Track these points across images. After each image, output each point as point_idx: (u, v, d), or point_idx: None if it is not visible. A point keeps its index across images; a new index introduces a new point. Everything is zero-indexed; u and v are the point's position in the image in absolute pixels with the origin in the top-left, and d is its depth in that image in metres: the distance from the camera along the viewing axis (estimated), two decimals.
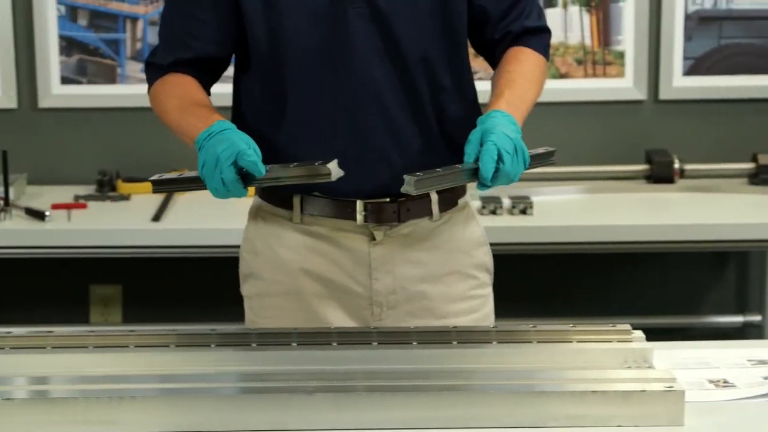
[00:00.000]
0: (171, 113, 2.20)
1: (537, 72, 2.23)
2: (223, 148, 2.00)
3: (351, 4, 2.14)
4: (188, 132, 2.13)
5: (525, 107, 2.16)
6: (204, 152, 2.03)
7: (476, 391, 1.87)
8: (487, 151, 2.00)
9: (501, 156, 2.01)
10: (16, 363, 1.98)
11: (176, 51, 2.24)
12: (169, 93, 2.23)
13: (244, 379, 1.93)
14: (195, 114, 2.15)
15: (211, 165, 2.01)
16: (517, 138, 2.04)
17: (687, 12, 3.97)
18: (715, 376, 2.06)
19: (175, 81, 2.24)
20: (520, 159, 2.04)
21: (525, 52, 2.24)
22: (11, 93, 3.93)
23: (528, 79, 2.19)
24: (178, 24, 2.24)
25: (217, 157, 2.00)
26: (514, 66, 2.20)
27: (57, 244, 3.50)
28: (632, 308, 4.07)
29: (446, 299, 2.27)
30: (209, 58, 2.24)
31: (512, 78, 2.18)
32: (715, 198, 3.77)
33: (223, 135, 2.03)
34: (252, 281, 2.30)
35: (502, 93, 2.14)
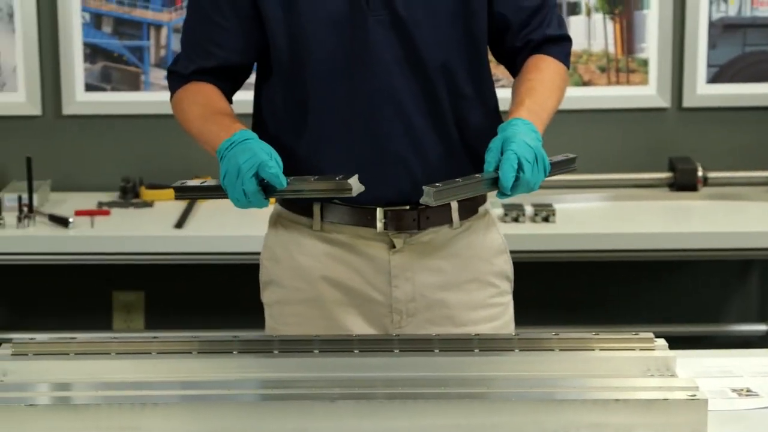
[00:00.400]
0: (193, 122, 2.21)
1: (558, 80, 2.23)
2: (245, 158, 2.01)
3: (371, 12, 2.14)
4: (210, 141, 2.13)
5: (546, 115, 2.16)
6: (226, 162, 2.04)
7: (498, 399, 1.87)
8: (507, 160, 2.00)
9: (521, 165, 2.00)
10: (38, 369, 1.99)
11: (198, 59, 2.24)
12: (191, 101, 2.23)
13: (266, 386, 1.93)
14: (217, 123, 2.15)
15: (233, 175, 2.02)
16: (537, 146, 2.04)
17: (711, 19, 3.96)
18: (739, 385, 2.05)
19: (197, 89, 2.24)
20: (541, 168, 2.04)
21: (546, 60, 2.23)
22: (36, 100, 3.95)
23: (549, 87, 2.19)
24: (200, 32, 2.24)
25: (239, 168, 2.01)
26: (535, 74, 2.20)
27: (80, 250, 3.51)
28: (655, 316, 4.06)
29: (466, 307, 2.27)
30: (231, 66, 2.25)
31: (533, 86, 2.17)
32: (738, 206, 3.76)
33: (245, 145, 2.04)
34: (272, 288, 2.30)
35: (523, 101, 2.13)
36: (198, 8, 2.24)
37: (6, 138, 3.98)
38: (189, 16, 2.27)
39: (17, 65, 3.94)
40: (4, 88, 3.95)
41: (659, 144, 4.00)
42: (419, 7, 2.15)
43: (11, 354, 2.02)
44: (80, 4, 3.91)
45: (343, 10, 2.14)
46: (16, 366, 1.99)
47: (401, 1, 2.14)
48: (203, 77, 2.25)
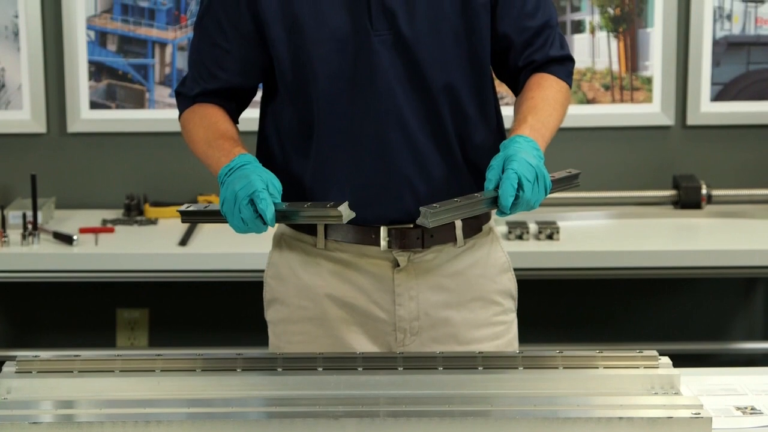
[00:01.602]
0: (198, 144, 2.23)
1: (560, 98, 2.23)
2: (241, 186, 2.03)
3: (375, 32, 2.15)
4: (213, 166, 2.17)
5: (548, 132, 2.16)
6: (224, 189, 2.07)
7: (501, 417, 1.87)
8: (507, 179, 2.01)
9: (521, 184, 2.01)
10: (42, 387, 1.99)
11: (202, 81, 2.26)
12: (197, 123, 2.25)
13: (271, 404, 1.93)
14: (219, 147, 2.17)
15: (231, 203, 2.04)
16: (538, 165, 2.04)
17: (715, 37, 3.97)
18: (743, 403, 2.05)
19: (203, 112, 2.26)
20: (541, 186, 2.04)
21: (548, 79, 2.24)
22: (40, 117, 3.96)
23: (551, 105, 2.19)
24: (205, 54, 2.26)
25: (235, 195, 2.03)
26: (537, 92, 2.21)
27: (84, 268, 3.51)
28: (659, 334, 4.05)
29: (470, 325, 2.27)
30: (234, 88, 2.26)
31: (535, 104, 2.18)
32: (743, 224, 3.75)
33: (242, 171, 2.06)
34: (276, 307, 2.30)
35: (526, 118, 2.14)
36: (203, 30, 2.26)
37: (11, 155, 3.98)
38: (195, 38, 2.29)
39: (22, 83, 3.95)
40: (9, 105, 3.96)
41: (663, 162, 4.00)
42: (423, 27, 2.15)
43: (15, 371, 2.02)
44: (85, 23, 3.92)
45: (347, 30, 2.15)
46: (20, 383, 1.99)
47: (405, 21, 2.14)
48: (208, 99, 2.27)
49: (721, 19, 3.96)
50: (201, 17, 2.26)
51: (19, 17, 3.92)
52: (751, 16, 3.97)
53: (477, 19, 2.18)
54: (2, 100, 3.96)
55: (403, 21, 2.14)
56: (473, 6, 2.17)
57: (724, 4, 3.95)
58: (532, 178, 2.02)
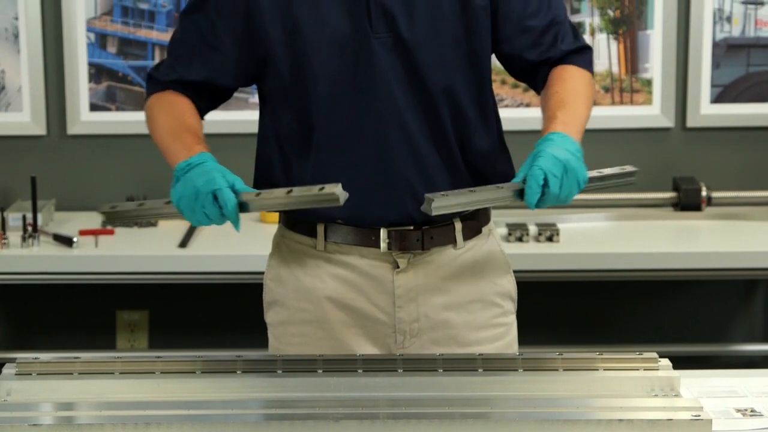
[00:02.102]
0: (160, 131, 2.23)
1: (583, 88, 2.22)
2: (203, 181, 2.04)
3: (374, 34, 2.15)
4: (171, 158, 2.17)
5: (580, 124, 2.15)
6: (182, 184, 2.07)
7: (501, 419, 1.87)
8: (532, 176, 2.02)
9: (547, 180, 2.01)
10: (42, 389, 1.99)
11: (182, 70, 2.24)
12: (164, 110, 2.24)
13: (270, 406, 1.93)
14: (181, 141, 2.17)
15: (191, 198, 2.04)
16: (569, 159, 2.04)
17: (715, 39, 3.97)
18: (743, 405, 2.05)
19: (172, 100, 2.25)
20: (572, 181, 2.04)
21: (569, 70, 2.23)
22: (40, 119, 3.96)
23: (577, 96, 2.18)
24: (190, 47, 2.24)
25: (197, 191, 2.04)
26: (560, 85, 2.19)
27: (84, 270, 3.51)
28: (659, 336, 4.05)
29: (470, 327, 2.26)
30: (214, 85, 2.25)
31: (561, 98, 2.17)
32: (743, 225, 3.75)
33: (202, 168, 2.07)
34: (276, 309, 2.30)
35: (555, 115, 2.13)
36: (191, 24, 2.24)
37: (11, 157, 3.98)
38: (180, 29, 2.27)
39: (22, 85, 3.95)
40: (9, 108, 3.96)
41: (663, 164, 4.00)
42: (422, 29, 2.15)
43: (15, 373, 2.02)
44: (85, 25, 3.92)
45: (346, 33, 2.14)
46: (20, 385, 1.99)
47: (405, 24, 2.14)
48: (181, 89, 2.25)
49: (721, 21, 3.96)
50: (190, 10, 2.24)
51: (19, 19, 3.92)
52: (751, 18, 3.97)
53: (476, 21, 2.17)
54: (2, 102, 3.96)
55: (403, 23, 2.14)
56: (473, 8, 2.17)
57: (723, 6, 3.95)
58: (559, 174, 2.02)
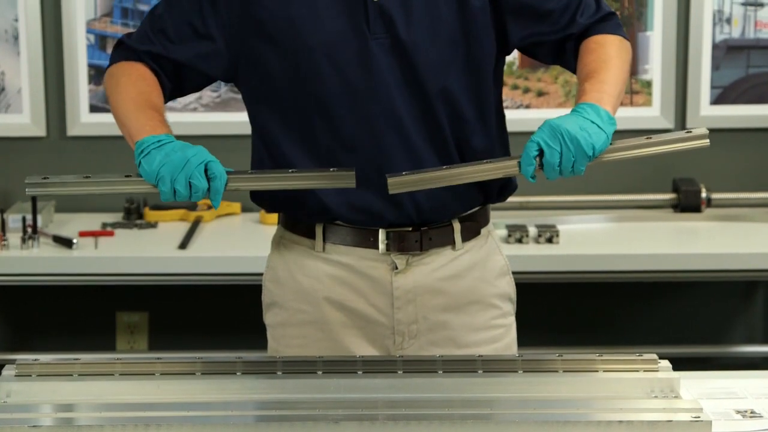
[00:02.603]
0: (124, 102, 2.16)
1: (614, 51, 2.17)
2: (194, 153, 2.01)
3: (372, 36, 2.14)
4: (134, 128, 2.12)
5: (611, 86, 2.10)
6: (164, 154, 2.02)
7: (501, 421, 1.87)
8: (525, 148, 2.01)
9: (543, 150, 2.00)
10: (42, 390, 1.99)
11: (163, 46, 2.19)
12: (133, 82, 2.18)
13: (270, 407, 1.93)
14: (147, 115, 2.13)
15: (177, 167, 2.01)
16: (571, 128, 2.00)
17: (715, 41, 3.97)
18: (743, 407, 2.05)
19: (143, 73, 2.20)
20: (575, 149, 2.00)
21: (595, 40, 2.19)
22: (40, 121, 3.96)
23: (606, 61, 2.14)
24: (170, 26, 2.19)
25: (187, 161, 2.01)
26: (588, 57, 2.16)
27: (84, 271, 3.51)
28: (659, 337, 4.05)
29: (468, 329, 2.26)
30: (196, 70, 2.21)
31: (590, 68, 2.13)
32: (742, 227, 3.75)
33: (181, 143, 2.04)
34: (275, 310, 2.30)
35: (583, 88, 2.10)
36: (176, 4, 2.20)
37: (10, 159, 3.98)
38: (163, 7, 2.21)
39: (22, 87, 3.95)
40: (9, 109, 3.96)
41: (663, 165, 4.00)
42: (420, 31, 2.14)
43: (15, 375, 2.02)
44: (85, 26, 3.92)
45: (344, 33, 2.14)
46: (19, 387, 1.99)
47: (402, 25, 2.14)
48: (153, 63, 2.20)
49: (721, 22, 3.96)
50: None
51: (18, 21, 3.92)
52: (751, 19, 3.97)
53: (474, 23, 2.17)
54: (2, 104, 3.96)
55: (401, 25, 2.14)
56: (470, 9, 2.16)
57: (723, 8, 3.95)
58: (556, 144, 1.99)
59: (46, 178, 2.09)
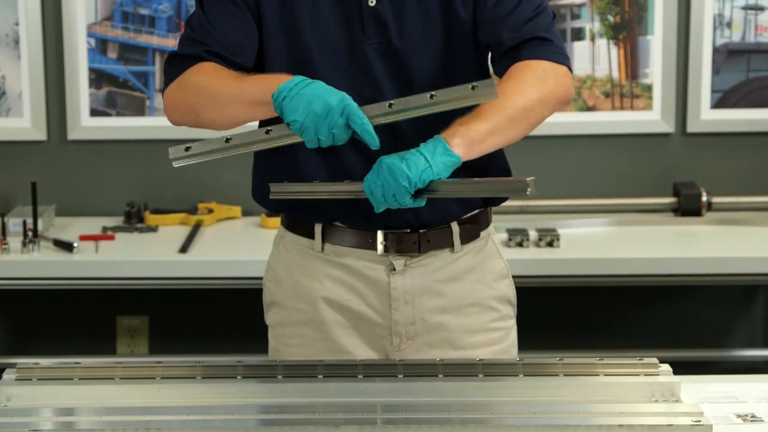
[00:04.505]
0: (225, 85, 2.13)
1: (513, 85, 2.10)
2: (336, 100, 1.98)
3: (367, 41, 2.16)
4: (256, 91, 2.07)
5: (480, 124, 2.05)
6: (305, 102, 1.98)
7: (501, 425, 1.87)
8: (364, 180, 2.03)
9: (371, 188, 2.01)
10: (43, 394, 1.99)
11: (214, 46, 2.18)
12: (214, 72, 2.16)
13: (270, 411, 1.93)
14: (260, 79, 2.10)
15: (321, 116, 1.98)
16: (397, 161, 1.99)
17: (715, 45, 3.97)
18: (743, 411, 2.05)
19: (214, 66, 2.18)
20: (392, 180, 1.98)
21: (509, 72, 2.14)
22: (41, 125, 3.96)
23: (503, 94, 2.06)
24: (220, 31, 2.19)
25: (329, 108, 1.97)
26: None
27: (84, 275, 3.51)
28: (659, 341, 4.05)
29: (466, 331, 2.27)
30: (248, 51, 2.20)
31: (481, 107, 2.07)
32: (743, 231, 3.75)
33: (319, 84, 2.00)
34: (275, 310, 2.31)
35: (453, 122, 2.07)
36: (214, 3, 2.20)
37: (11, 163, 3.99)
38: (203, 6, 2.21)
39: (23, 90, 3.95)
40: (9, 113, 3.96)
41: (663, 169, 4.00)
42: (413, 38, 2.17)
43: (15, 379, 2.02)
44: (85, 30, 3.92)
45: (341, 37, 2.17)
46: (20, 391, 1.99)
47: (396, 32, 2.16)
48: (214, 59, 2.19)
49: (721, 26, 3.96)
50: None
51: (19, 25, 3.92)
52: (751, 23, 3.97)
53: (461, 32, 2.18)
54: (3, 108, 3.96)
55: (394, 32, 2.16)
56: (457, 19, 2.18)
57: (724, 12, 3.95)
58: (379, 179, 1.99)
59: (188, 148, 2.08)
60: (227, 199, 3.93)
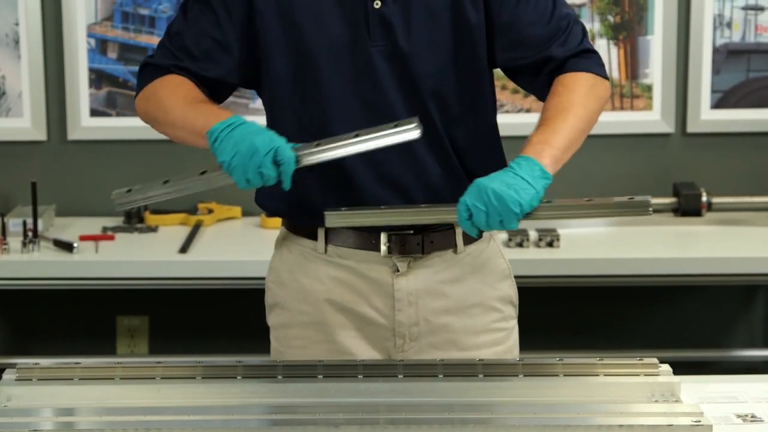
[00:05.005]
0: (176, 108, 2.16)
1: (578, 96, 2.17)
2: (262, 139, 2.00)
3: (372, 43, 2.15)
4: (198, 125, 2.09)
5: (559, 140, 2.11)
6: (233, 143, 2.01)
7: (502, 425, 1.87)
8: (458, 210, 2.02)
9: (471, 212, 2.01)
10: (42, 394, 1.99)
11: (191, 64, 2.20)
12: (173, 91, 2.18)
13: (271, 412, 1.93)
14: (204, 110, 2.13)
15: (246, 156, 1.99)
16: (503, 187, 2.00)
17: (715, 45, 3.97)
18: (743, 411, 2.05)
19: (180, 81, 2.20)
20: (503, 209, 2.00)
21: (564, 80, 2.19)
22: (41, 125, 3.96)
23: (566, 109, 2.14)
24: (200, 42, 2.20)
25: (255, 149, 1.99)
26: (551, 101, 2.17)
27: (84, 275, 3.51)
28: (659, 341, 4.05)
29: (469, 332, 2.27)
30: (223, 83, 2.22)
31: (547, 116, 2.14)
32: (743, 231, 3.75)
33: (251, 126, 2.03)
34: (277, 311, 2.31)
35: (530, 138, 2.11)
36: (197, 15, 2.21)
37: (11, 163, 3.99)
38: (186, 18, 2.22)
39: (23, 91, 3.95)
40: (9, 113, 3.96)
41: (663, 169, 4.00)
42: (419, 40, 2.16)
43: (15, 379, 2.02)
44: (85, 30, 3.92)
45: (346, 40, 2.16)
46: (20, 391, 1.99)
47: (402, 33, 2.15)
48: (183, 74, 2.21)
49: (721, 26, 3.96)
50: (191, 5, 2.21)
51: (19, 25, 3.92)
52: (751, 23, 3.98)
53: (470, 35, 2.18)
54: (3, 108, 3.96)
55: (401, 33, 2.15)
56: (466, 22, 2.17)
57: (724, 12, 3.95)
58: (482, 204, 2.00)
59: (130, 190, 2.11)
60: (227, 200, 3.93)
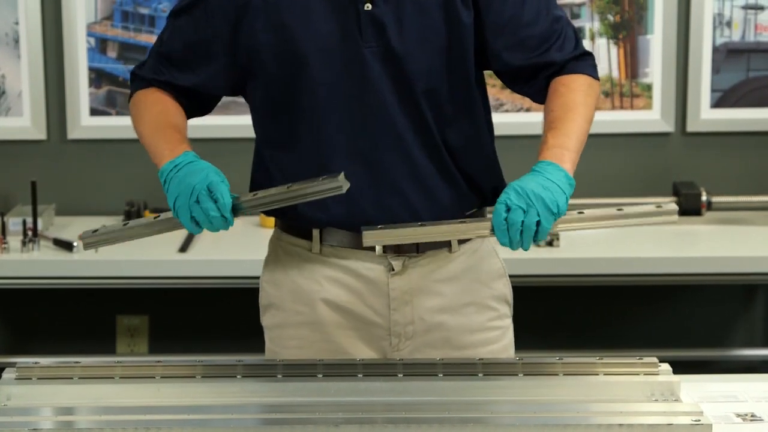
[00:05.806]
0: (146, 126, 2.21)
1: (579, 96, 2.18)
2: (198, 179, 2.03)
3: (364, 44, 2.15)
4: (156, 156, 2.14)
5: (574, 140, 2.12)
6: (176, 185, 2.06)
7: (501, 424, 1.87)
8: (495, 211, 2.03)
9: (510, 209, 2.01)
10: (42, 393, 1.99)
11: (170, 74, 2.23)
12: (149, 106, 2.23)
13: (270, 411, 1.93)
14: (166, 138, 2.16)
15: (187, 196, 2.03)
16: (540, 188, 2.02)
17: (715, 44, 3.97)
18: (743, 410, 2.05)
19: (158, 97, 2.24)
20: (542, 210, 2.02)
21: (564, 81, 2.20)
22: (41, 124, 3.96)
23: (571, 109, 2.15)
24: (180, 52, 2.22)
25: (192, 188, 2.03)
26: (555, 102, 2.17)
27: (84, 274, 3.51)
28: (659, 341, 4.05)
29: (465, 330, 2.27)
30: (202, 93, 2.25)
31: (555, 116, 2.15)
32: (742, 230, 3.76)
33: (193, 166, 2.06)
34: (272, 312, 2.31)
35: (546, 139, 2.12)
36: (181, 25, 2.22)
37: (11, 162, 3.99)
38: (171, 28, 2.25)
39: (23, 90, 3.95)
40: (9, 112, 3.96)
41: (663, 169, 4.01)
42: (412, 40, 2.15)
43: (15, 378, 2.02)
44: (85, 29, 3.93)
45: (337, 41, 2.15)
46: (20, 390, 1.99)
47: (395, 33, 2.15)
48: (167, 88, 2.24)
49: (721, 26, 3.96)
50: (179, 12, 2.23)
51: (19, 24, 3.92)
52: (751, 23, 3.98)
53: (461, 35, 2.17)
54: (2, 107, 3.96)
55: (393, 33, 2.15)
56: (458, 22, 2.16)
57: (724, 11, 3.96)
58: (522, 202, 2.01)
59: (96, 231, 2.14)
60: None
